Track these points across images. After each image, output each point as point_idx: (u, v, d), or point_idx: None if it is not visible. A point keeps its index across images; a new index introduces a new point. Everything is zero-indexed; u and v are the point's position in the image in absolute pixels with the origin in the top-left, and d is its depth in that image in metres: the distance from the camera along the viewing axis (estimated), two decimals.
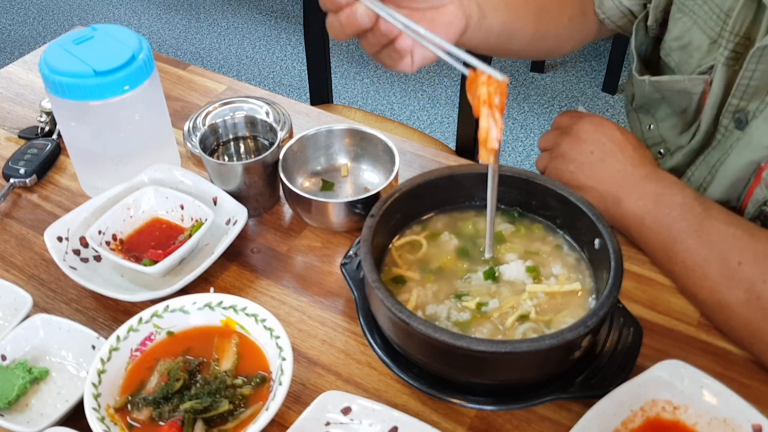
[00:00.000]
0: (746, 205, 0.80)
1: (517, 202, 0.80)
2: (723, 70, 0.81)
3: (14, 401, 0.70)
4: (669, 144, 0.93)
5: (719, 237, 0.74)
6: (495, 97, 0.63)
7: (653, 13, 0.91)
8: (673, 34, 0.88)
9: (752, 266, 0.71)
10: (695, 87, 0.85)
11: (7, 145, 1.04)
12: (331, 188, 0.93)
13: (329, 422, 0.65)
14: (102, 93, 0.83)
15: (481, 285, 0.74)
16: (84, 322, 0.77)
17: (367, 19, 0.68)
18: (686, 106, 0.88)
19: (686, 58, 0.87)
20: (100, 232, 0.83)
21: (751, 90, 0.77)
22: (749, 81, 0.76)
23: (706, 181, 0.86)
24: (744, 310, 0.71)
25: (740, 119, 0.79)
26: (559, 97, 2.70)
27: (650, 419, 0.65)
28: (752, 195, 0.79)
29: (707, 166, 0.85)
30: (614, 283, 0.66)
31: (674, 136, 0.91)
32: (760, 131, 0.76)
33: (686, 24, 0.86)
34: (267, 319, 0.71)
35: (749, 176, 0.79)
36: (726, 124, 0.81)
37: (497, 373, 0.66)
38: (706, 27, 0.83)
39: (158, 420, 0.66)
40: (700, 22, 0.84)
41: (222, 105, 1.07)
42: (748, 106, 0.78)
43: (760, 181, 0.77)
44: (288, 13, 3.26)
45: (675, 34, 0.88)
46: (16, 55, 2.96)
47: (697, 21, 0.84)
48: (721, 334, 0.75)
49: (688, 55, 0.87)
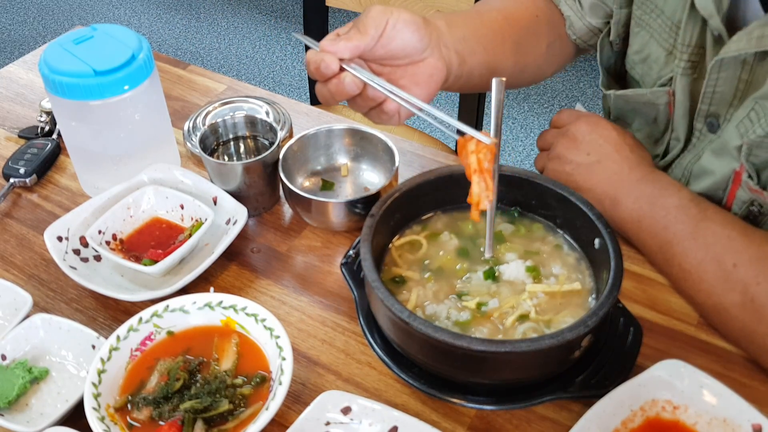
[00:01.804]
0: (730, 207, 0.80)
1: (517, 202, 0.80)
2: (683, 80, 0.82)
3: (14, 401, 0.70)
4: None
5: (715, 239, 0.74)
6: (485, 162, 0.70)
7: (614, 28, 0.92)
8: (634, 48, 0.90)
9: (747, 268, 0.71)
10: (659, 99, 0.86)
11: (7, 144, 1.04)
12: (331, 188, 0.93)
13: (329, 422, 0.65)
14: (102, 93, 0.83)
15: (481, 285, 0.74)
16: (84, 321, 0.77)
17: (355, 87, 0.73)
18: (655, 117, 0.89)
19: (647, 71, 0.88)
20: (100, 232, 0.84)
21: (718, 96, 0.78)
22: (714, 89, 0.78)
23: (681, 183, 0.86)
24: (739, 313, 0.71)
25: (712, 123, 0.80)
26: (559, 96, 2.70)
27: (650, 419, 0.65)
28: (735, 197, 0.79)
29: (681, 168, 0.86)
30: (614, 283, 0.66)
31: (650, 146, 0.92)
32: (730, 135, 0.77)
33: (644, 38, 0.87)
34: (267, 319, 0.71)
35: (727, 180, 0.79)
36: (700, 128, 0.82)
37: (497, 372, 0.66)
38: (661, 39, 0.85)
39: (158, 420, 0.66)
40: (656, 35, 0.85)
41: (222, 105, 1.07)
42: (719, 110, 0.79)
43: (741, 184, 0.77)
44: (288, 13, 3.26)
45: (635, 48, 0.89)
46: (16, 54, 2.96)
47: (653, 34, 0.86)
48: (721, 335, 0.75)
49: (648, 68, 0.88)
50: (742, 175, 0.76)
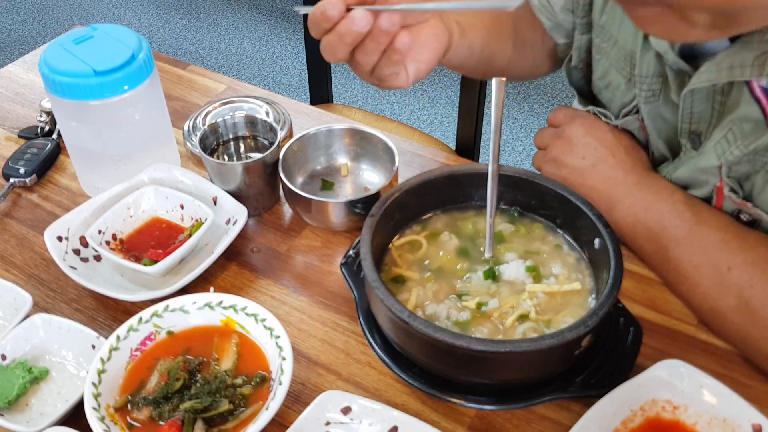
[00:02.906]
0: None
1: (517, 202, 0.80)
2: (646, 107, 0.81)
3: (14, 401, 0.70)
4: None
5: (709, 242, 0.73)
6: None
7: (576, 54, 0.92)
8: (597, 74, 0.90)
9: (741, 271, 0.70)
10: (631, 125, 0.86)
11: (7, 144, 1.04)
12: (331, 188, 0.93)
13: (329, 422, 0.65)
14: (102, 93, 0.83)
15: (481, 285, 0.74)
16: (84, 321, 0.77)
17: (365, 21, 0.68)
18: (638, 136, 0.88)
19: (611, 97, 0.88)
20: (100, 232, 0.84)
21: (697, 116, 0.76)
22: (691, 110, 0.76)
23: None
24: (735, 316, 0.71)
25: (694, 140, 0.79)
26: (559, 96, 2.70)
27: (650, 419, 0.65)
28: (722, 208, 0.78)
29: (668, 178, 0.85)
30: (614, 283, 0.66)
31: None
32: (708, 156, 0.75)
33: (605, 65, 0.87)
34: (267, 319, 0.71)
35: (711, 194, 0.78)
36: (684, 144, 0.80)
37: (497, 372, 0.66)
38: (619, 68, 0.84)
39: (158, 420, 0.66)
40: (615, 64, 0.85)
41: (222, 105, 1.07)
42: (699, 128, 0.77)
43: (724, 198, 0.76)
44: (288, 13, 3.26)
45: (599, 75, 0.89)
46: (16, 54, 2.96)
47: (612, 63, 0.85)
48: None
49: (611, 95, 0.88)
50: (724, 190, 0.76)
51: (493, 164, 0.75)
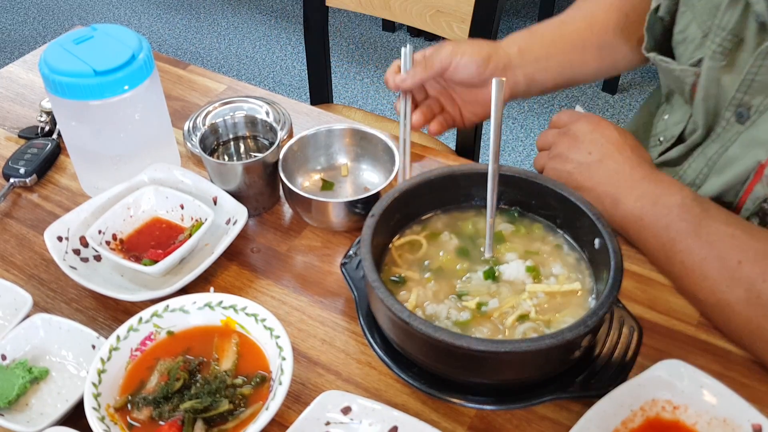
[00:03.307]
0: (744, 201, 0.80)
1: (517, 202, 0.80)
2: (710, 63, 0.81)
3: (14, 401, 0.70)
4: (667, 133, 0.94)
5: (718, 236, 0.74)
6: None
7: (665, 4, 0.91)
8: (678, 27, 0.89)
9: (752, 265, 0.71)
10: (686, 77, 0.85)
11: (7, 144, 1.04)
12: (331, 188, 0.93)
13: (329, 422, 0.65)
14: (102, 93, 0.83)
15: (481, 285, 0.74)
16: (84, 321, 0.77)
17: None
18: (686, 96, 0.88)
19: (683, 51, 0.88)
20: (100, 232, 0.84)
21: (756, 85, 0.77)
22: (754, 77, 0.76)
23: (702, 174, 0.85)
24: (744, 309, 0.71)
25: (742, 113, 0.79)
26: (559, 96, 2.70)
27: (650, 419, 0.65)
28: (751, 191, 0.78)
29: (704, 158, 0.85)
30: (614, 283, 0.66)
31: (673, 125, 0.92)
32: (763, 128, 0.76)
33: (688, 18, 0.87)
34: (267, 319, 0.71)
35: (749, 173, 0.79)
36: (728, 117, 0.80)
37: (497, 372, 0.66)
38: (700, 21, 0.84)
39: (158, 420, 0.66)
40: (698, 16, 0.85)
41: (222, 105, 1.07)
42: (752, 101, 0.78)
43: (761, 178, 0.77)
44: (288, 13, 3.26)
45: (679, 28, 0.89)
46: (16, 54, 2.96)
47: (695, 15, 0.85)
48: (721, 334, 0.75)
49: (685, 48, 0.88)
50: (766, 169, 0.76)
51: (493, 164, 0.75)
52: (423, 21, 1.50)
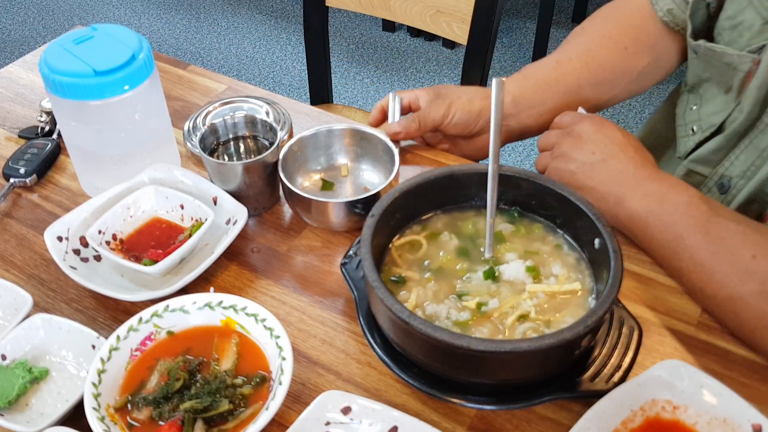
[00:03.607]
0: None
1: (517, 202, 0.80)
2: None
3: (14, 401, 0.70)
4: (702, 123, 0.93)
5: (728, 233, 0.74)
6: None
7: None
8: (727, 13, 0.89)
9: (767, 259, 0.71)
10: (743, 64, 0.85)
11: (7, 144, 1.04)
12: (331, 188, 0.93)
13: (329, 422, 0.65)
14: (102, 93, 0.83)
15: (481, 285, 0.74)
16: (84, 321, 0.77)
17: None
18: (731, 85, 0.87)
19: (736, 37, 0.87)
20: (100, 232, 0.84)
21: None
22: None
23: (755, 165, 0.85)
24: (758, 302, 0.71)
25: None
26: None
27: (650, 419, 0.65)
28: None
29: (756, 150, 0.85)
30: (614, 283, 0.66)
31: (710, 115, 0.91)
32: None
33: (741, 3, 0.86)
34: (267, 319, 0.71)
35: None
36: None
37: (497, 372, 0.66)
38: (761, 7, 0.83)
39: (158, 420, 0.66)
40: (756, 2, 0.84)
41: (222, 105, 1.07)
42: None
43: None
44: (288, 13, 3.26)
45: (729, 14, 0.88)
46: (16, 54, 2.96)
47: (752, 1, 0.84)
48: (727, 330, 0.75)
49: (738, 35, 0.87)
50: None
51: (493, 164, 0.75)
52: (423, 21, 1.50)
